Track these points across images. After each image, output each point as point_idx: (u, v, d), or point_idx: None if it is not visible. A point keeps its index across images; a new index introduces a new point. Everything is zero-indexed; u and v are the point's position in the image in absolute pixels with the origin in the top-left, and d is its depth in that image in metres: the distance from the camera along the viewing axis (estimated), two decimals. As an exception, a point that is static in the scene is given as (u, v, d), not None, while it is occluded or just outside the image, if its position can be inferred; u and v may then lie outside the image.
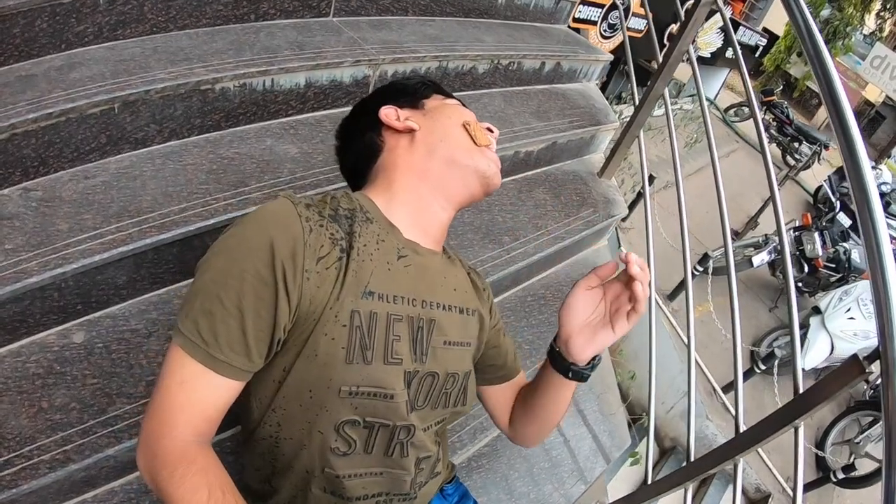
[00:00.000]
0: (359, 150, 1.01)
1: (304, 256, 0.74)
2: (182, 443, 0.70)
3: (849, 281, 4.70)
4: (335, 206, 0.85)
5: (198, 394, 0.72)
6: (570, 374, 0.92)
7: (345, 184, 1.41)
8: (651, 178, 1.91)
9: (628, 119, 2.03)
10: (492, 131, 1.03)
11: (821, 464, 4.11)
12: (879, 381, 0.86)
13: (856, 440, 4.10)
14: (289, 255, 0.72)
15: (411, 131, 0.96)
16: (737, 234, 5.70)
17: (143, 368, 1.12)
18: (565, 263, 2.02)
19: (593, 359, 0.92)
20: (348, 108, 1.68)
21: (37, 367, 1.04)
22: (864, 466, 3.95)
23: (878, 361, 0.86)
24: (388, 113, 0.97)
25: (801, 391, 1.03)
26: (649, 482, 1.40)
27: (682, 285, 4.12)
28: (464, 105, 1.06)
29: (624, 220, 4.03)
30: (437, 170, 0.93)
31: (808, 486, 3.88)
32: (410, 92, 1.03)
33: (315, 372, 0.76)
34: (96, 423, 1.02)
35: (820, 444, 4.17)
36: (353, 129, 1.04)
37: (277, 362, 0.77)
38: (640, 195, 3.62)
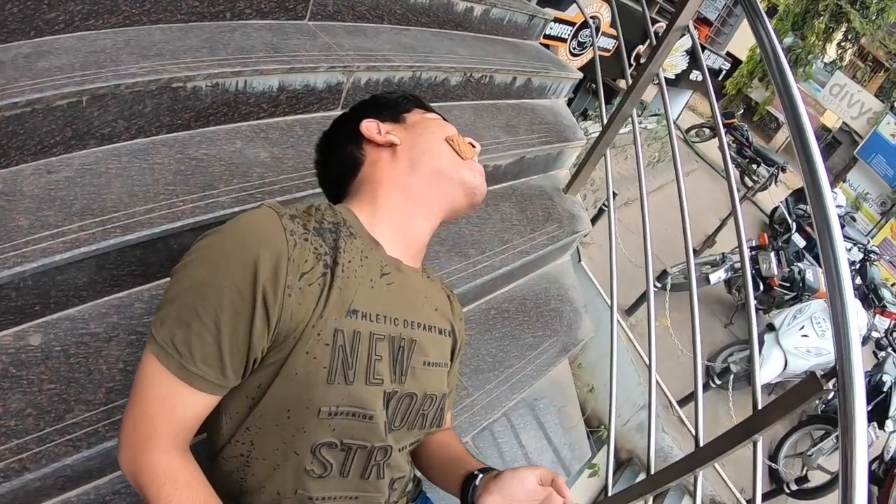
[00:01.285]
0: (340, 163, 1.00)
1: (287, 272, 0.72)
2: (166, 456, 0.71)
3: (802, 299, 4.91)
4: (319, 218, 0.83)
5: (177, 409, 0.71)
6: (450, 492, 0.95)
7: (316, 191, 1.41)
8: (614, 195, 1.96)
9: (594, 136, 2.08)
10: (474, 146, 1.03)
11: (774, 476, 4.26)
12: (832, 396, 0.90)
13: (808, 453, 4.27)
14: (271, 272, 0.71)
15: (392, 145, 0.96)
16: (694, 252, 5.83)
17: (103, 374, 1.08)
18: (529, 277, 2.04)
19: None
20: (320, 115, 1.71)
21: (-10, 370, 0.99)
22: (817, 478, 4.12)
23: (834, 379, 0.89)
24: (369, 126, 0.97)
25: (759, 406, 1.06)
26: (609, 494, 1.42)
27: (640, 300, 4.22)
28: (445, 119, 1.07)
29: (585, 235, 4.13)
30: (420, 184, 0.93)
31: (762, 498, 4.00)
32: (392, 105, 1.03)
33: (294, 392, 0.75)
34: (53, 430, 0.97)
35: (773, 457, 4.32)
36: (333, 141, 1.03)
37: (252, 379, 0.76)
38: (602, 211, 3.69)
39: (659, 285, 4.39)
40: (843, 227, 6.37)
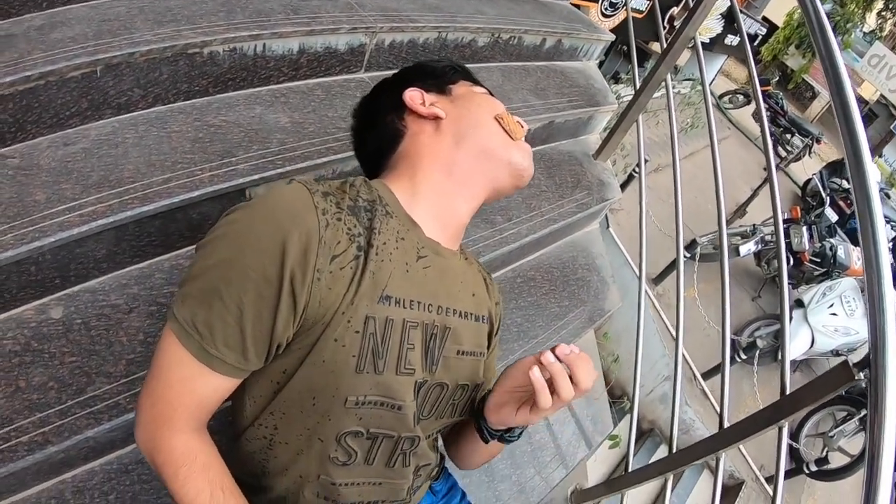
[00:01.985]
0: (379, 134, 0.94)
1: (318, 255, 0.67)
2: (184, 437, 0.70)
3: (832, 276, 4.76)
4: (354, 195, 0.78)
5: (198, 392, 0.69)
6: (480, 427, 0.89)
7: (338, 157, 1.38)
8: (644, 161, 1.88)
9: (626, 100, 1.99)
10: (522, 125, 0.96)
11: (794, 455, 4.21)
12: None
13: (830, 434, 4.19)
14: (300, 254, 0.66)
15: (437, 118, 0.90)
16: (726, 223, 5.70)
17: (124, 346, 1.07)
18: (556, 245, 1.99)
19: (507, 431, 0.87)
20: (342, 77, 1.65)
21: (13, 345, 0.99)
22: (837, 460, 4.05)
23: (867, 370, 0.85)
24: (413, 96, 0.91)
25: (787, 392, 1.02)
26: (629, 466, 1.40)
27: (668, 269, 4.14)
28: (493, 95, 1.00)
29: (615, 202, 4.04)
30: (465, 162, 0.87)
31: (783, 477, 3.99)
32: (438, 75, 0.96)
33: (320, 379, 0.72)
34: (75, 403, 0.98)
35: (794, 436, 4.27)
36: (373, 109, 0.97)
37: (277, 364, 0.73)
38: (632, 177, 3.59)
39: (688, 255, 4.29)
40: (878, 201, 6.21)
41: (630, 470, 1.42)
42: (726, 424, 1.14)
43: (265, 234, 0.66)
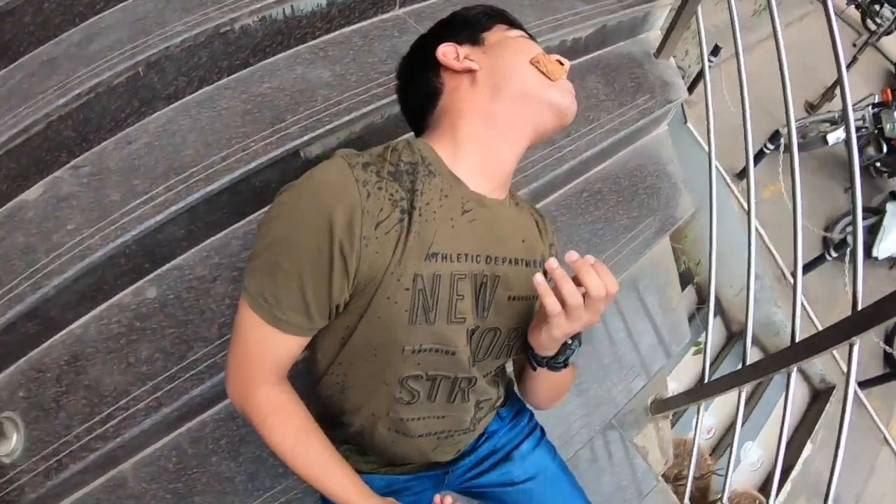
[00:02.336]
0: (418, 93, 0.95)
1: (363, 224, 0.73)
2: (267, 388, 0.81)
3: None
4: (395, 160, 0.82)
5: (274, 351, 0.79)
6: (543, 365, 0.90)
7: (383, 102, 1.39)
8: (716, 49, 1.71)
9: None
10: (562, 63, 0.93)
11: (889, 360, 3.96)
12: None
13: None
14: (346, 226, 0.72)
15: (471, 71, 0.89)
16: (812, 108, 5.08)
17: (214, 312, 1.22)
18: (622, 154, 1.92)
19: (562, 353, 0.88)
20: (378, 19, 1.64)
21: (119, 327, 1.17)
22: None
23: None
24: (445, 51, 0.90)
25: (859, 307, 0.97)
26: (707, 380, 1.41)
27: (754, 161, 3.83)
28: (530, 37, 0.97)
29: (690, 93, 3.68)
30: (505, 110, 0.87)
31: (875, 381, 3.80)
32: (471, 24, 0.95)
33: (378, 333, 0.79)
34: (179, 368, 1.15)
35: (889, 339, 3.97)
36: (410, 68, 0.98)
37: (340, 322, 0.81)
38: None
39: (772, 146, 3.90)
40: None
41: (708, 380, 1.43)
42: (798, 339, 1.11)
43: (312, 212, 0.73)
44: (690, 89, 3.83)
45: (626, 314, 1.72)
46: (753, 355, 1.26)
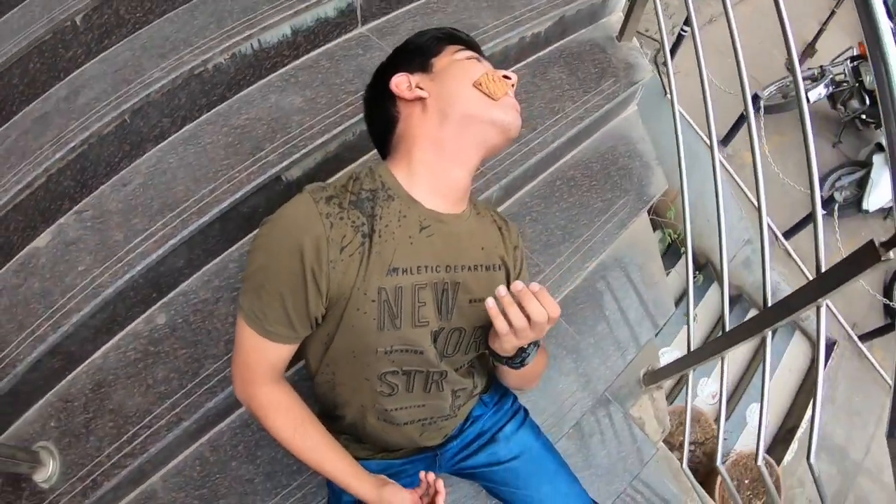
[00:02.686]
0: (379, 121, 1.04)
1: (328, 250, 0.84)
2: (267, 388, 0.95)
3: None
4: (357, 189, 0.92)
5: (268, 357, 0.92)
6: (504, 363, 1.01)
7: (354, 120, 1.48)
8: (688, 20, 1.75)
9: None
10: (508, 78, 1.01)
11: (889, 310, 4.01)
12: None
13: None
14: (314, 254, 0.84)
15: (421, 99, 0.97)
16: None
17: (219, 330, 1.34)
18: (593, 138, 2.00)
19: (518, 356, 0.98)
20: (342, 39, 1.74)
21: (135, 353, 1.29)
22: None
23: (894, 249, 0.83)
24: (398, 83, 0.98)
25: (822, 269, 1.03)
26: (692, 349, 1.49)
27: (734, 129, 3.87)
28: (479, 55, 1.04)
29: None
30: (452, 135, 0.95)
31: (875, 334, 3.85)
32: (422, 51, 1.02)
33: (353, 339, 0.91)
34: (193, 384, 1.26)
35: (888, 291, 4.02)
36: (372, 97, 1.06)
37: (321, 331, 0.94)
38: (681, 37, 3.34)
39: (752, 110, 3.95)
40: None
41: (694, 349, 1.51)
42: (769, 304, 1.18)
43: (284, 244, 0.85)
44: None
45: (611, 292, 1.80)
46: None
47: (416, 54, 1.02)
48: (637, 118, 2.11)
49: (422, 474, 1.05)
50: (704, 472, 3.06)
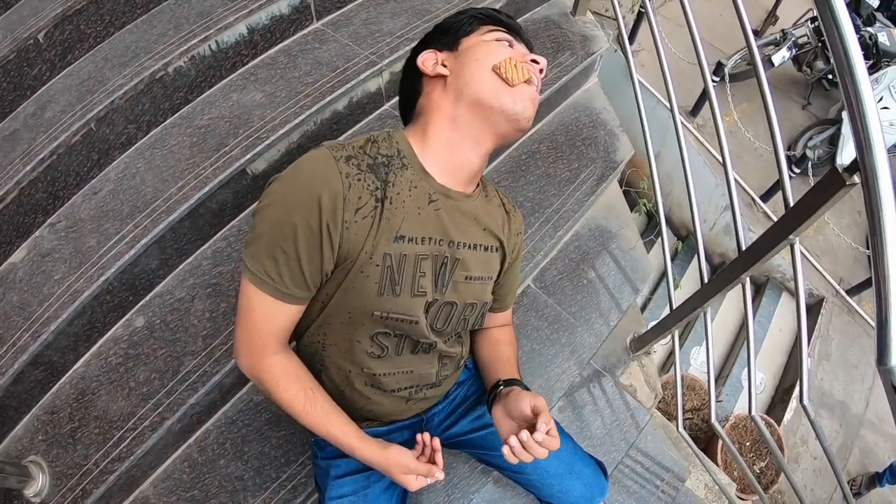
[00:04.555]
0: (405, 92, 1.07)
1: (345, 210, 0.84)
2: (277, 357, 0.94)
3: (880, 67, 4.26)
4: (374, 152, 0.93)
5: (280, 321, 0.91)
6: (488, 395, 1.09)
7: (312, 110, 1.50)
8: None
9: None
10: (536, 62, 1.00)
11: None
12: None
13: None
14: (331, 211, 0.83)
15: (443, 77, 0.98)
16: (756, 33, 5.14)
17: (197, 327, 1.35)
18: (555, 112, 2.03)
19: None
20: (298, 35, 1.77)
21: (116, 358, 1.30)
22: None
23: (857, 172, 0.85)
24: (424, 59, 0.99)
25: (790, 205, 1.05)
26: (674, 307, 1.51)
27: (702, 99, 3.92)
28: (515, 38, 1.02)
29: (631, 42, 3.78)
30: (464, 115, 0.95)
31: (863, 286, 3.90)
32: (454, 30, 1.02)
33: (353, 300, 0.92)
34: (174, 382, 1.27)
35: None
36: (404, 69, 1.08)
37: (323, 290, 0.93)
38: (642, 14, 3.39)
39: (716, 79, 4.03)
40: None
41: (674, 308, 1.53)
42: (743, 248, 1.20)
43: (303, 197, 0.84)
44: (632, 38, 3.96)
45: (588, 260, 1.82)
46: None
47: (449, 32, 1.02)
48: (598, 89, 2.15)
49: (417, 436, 1.05)
50: (706, 440, 3.08)
